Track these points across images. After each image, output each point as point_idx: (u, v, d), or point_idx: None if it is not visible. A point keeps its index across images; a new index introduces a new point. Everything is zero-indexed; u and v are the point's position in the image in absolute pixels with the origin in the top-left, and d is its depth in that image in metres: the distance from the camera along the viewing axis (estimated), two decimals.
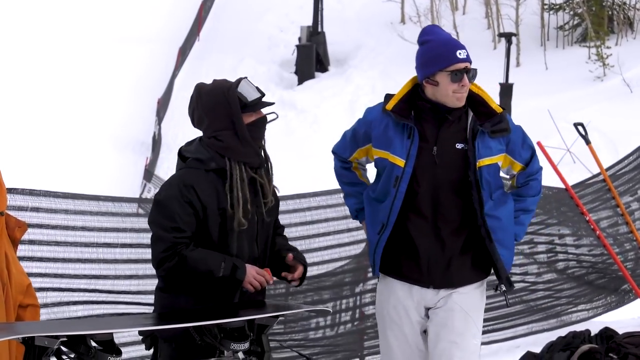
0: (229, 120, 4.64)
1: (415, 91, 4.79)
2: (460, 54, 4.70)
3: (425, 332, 4.82)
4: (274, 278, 4.83)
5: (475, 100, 4.77)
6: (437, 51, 4.72)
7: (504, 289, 4.83)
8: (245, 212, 4.62)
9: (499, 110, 4.76)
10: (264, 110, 4.80)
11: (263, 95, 4.75)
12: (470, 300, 4.78)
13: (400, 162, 4.71)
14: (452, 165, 4.71)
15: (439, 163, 4.70)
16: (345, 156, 5.03)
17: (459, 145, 4.71)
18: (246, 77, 4.78)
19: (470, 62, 4.74)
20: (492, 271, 4.84)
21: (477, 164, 4.66)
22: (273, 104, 4.85)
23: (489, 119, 4.72)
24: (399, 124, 4.74)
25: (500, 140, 4.74)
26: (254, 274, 4.63)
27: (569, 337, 8.43)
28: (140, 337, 4.81)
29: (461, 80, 4.67)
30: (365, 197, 4.92)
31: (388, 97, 4.83)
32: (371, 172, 5.07)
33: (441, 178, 4.71)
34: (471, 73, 4.72)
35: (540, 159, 9.28)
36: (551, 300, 9.65)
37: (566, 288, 9.74)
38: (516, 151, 4.81)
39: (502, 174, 4.88)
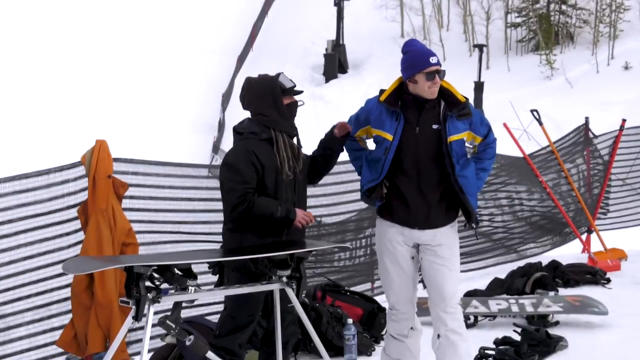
0: (272, 100, 4.72)
1: (401, 87, 4.85)
2: (432, 59, 4.74)
3: (412, 258, 4.86)
4: (314, 219, 4.90)
5: (445, 93, 4.80)
6: (416, 59, 4.76)
7: (474, 226, 4.89)
8: (289, 167, 4.69)
9: (463, 99, 4.79)
10: (297, 98, 4.88)
11: (295, 85, 4.85)
12: (450, 236, 4.84)
13: (389, 137, 4.75)
14: (430, 140, 4.73)
15: (420, 139, 4.74)
16: (352, 135, 5.06)
17: (434, 126, 4.74)
18: (283, 72, 4.88)
19: (440, 65, 4.77)
20: (461, 214, 4.90)
21: (448, 139, 4.70)
22: (302, 92, 4.95)
23: (456, 107, 4.76)
24: (389, 111, 4.79)
25: (465, 122, 4.78)
26: (302, 215, 4.69)
27: (525, 267, 8.39)
28: (209, 268, 4.80)
29: (434, 79, 4.71)
30: (364, 158, 4.99)
31: (382, 91, 4.90)
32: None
33: (422, 150, 4.74)
34: (441, 73, 4.76)
35: (505, 136, 9.34)
36: (512, 239, 9.62)
37: (523, 230, 9.70)
38: (476, 129, 4.85)
39: (466, 144, 4.91)
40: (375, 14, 36.64)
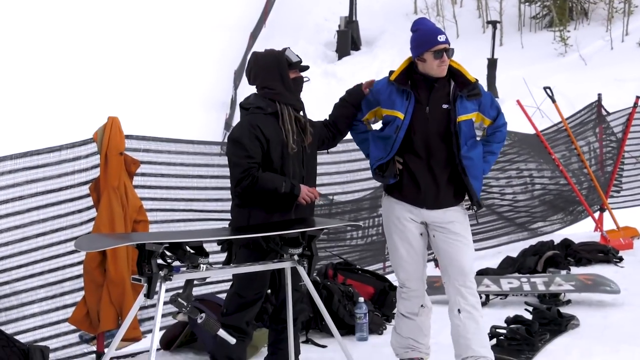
0: (278, 73, 4.72)
1: (411, 66, 4.83)
2: (440, 38, 4.72)
3: (421, 235, 4.86)
4: (319, 195, 4.89)
5: (455, 73, 4.78)
6: (424, 37, 4.75)
7: (475, 209, 4.88)
8: (294, 140, 4.67)
9: (473, 79, 4.77)
10: (302, 75, 4.87)
11: (301, 60, 4.83)
12: (460, 214, 4.85)
13: (400, 115, 4.74)
14: (440, 120, 4.72)
15: (430, 118, 4.73)
16: (360, 117, 5.05)
17: (444, 106, 4.72)
18: (289, 47, 4.87)
19: (449, 44, 4.75)
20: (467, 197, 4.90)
21: (457, 119, 4.69)
22: (308, 67, 4.92)
23: (466, 87, 4.74)
24: (400, 90, 4.77)
25: (474, 102, 4.76)
26: (306, 192, 4.66)
27: (537, 245, 8.37)
28: (218, 245, 4.80)
29: (442, 57, 4.70)
30: (371, 136, 4.97)
31: (391, 72, 4.88)
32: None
33: (432, 129, 4.73)
34: (450, 52, 4.74)
35: (518, 113, 9.27)
36: (524, 218, 9.58)
37: (535, 208, 9.66)
38: (485, 111, 4.83)
39: (476, 126, 4.89)
40: None
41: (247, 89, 5.10)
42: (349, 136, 5.26)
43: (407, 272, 4.90)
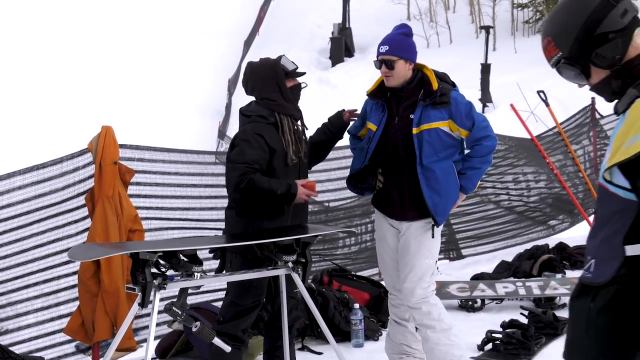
0: (275, 84, 4.67)
1: None
2: (381, 48, 4.67)
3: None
4: (317, 196, 4.90)
5: (425, 81, 4.69)
6: (377, 48, 4.73)
7: (431, 223, 4.71)
8: (293, 151, 4.65)
9: (435, 87, 4.63)
10: (299, 80, 4.83)
11: (297, 67, 4.79)
12: (421, 231, 4.72)
13: (373, 127, 4.76)
14: (405, 130, 4.66)
15: (398, 129, 4.69)
16: (355, 133, 5.07)
17: (411, 116, 4.65)
18: (284, 55, 4.81)
19: (393, 55, 4.63)
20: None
21: (419, 128, 4.59)
22: (305, 73, 4.87)
23: (429, 95, 4.63)
24: (377, 103, 4.79)
25: (442, 111, 4.61)
26: (303, 189, 4.59)
27: (532, 249, 8.38)
28: (210, 252, 4.79)
29: (380, 68, 4.67)
30: (357, 146, 5.01)
31: None
32: None
33: (399, 140, 4.69)
34: (389, 63, 4.63)
35: (512, 118, 9.30)
36: (519, 222, 9.59)
37: (530, 213, 9.67)
38: (458, 120, 4.62)
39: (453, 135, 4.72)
40: None
41: (241, 97, 5.11)
42: (340, 144, 5.27)
43: (393, 278, 4.90)
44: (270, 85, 4.67)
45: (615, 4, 2.44)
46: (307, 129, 4.83)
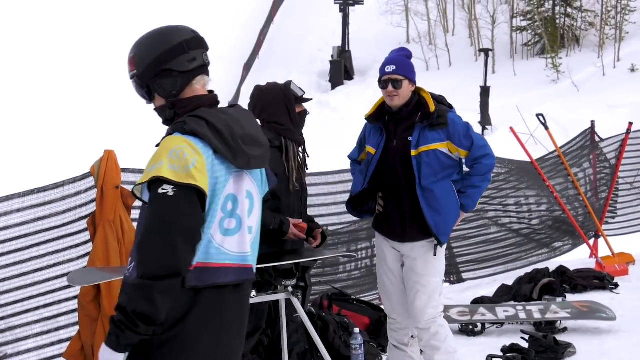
0: (285, 109, 4.70)
1: (384, 102, 4.83)
2: (387, 68, 4.70)
3: (402, 265, 4.85)
4: (305, 238, 4.83)
5: (422, 103, 4.73)
6: (380, 68, 4.77)
7: (435, 242, 4.73)
8: (296, 178, 4.67)
9: (432, 109, 4.67)
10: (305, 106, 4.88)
11: (305, 93, 4.85)
12: (425, 251, 4.75)
13: (372, 151, 4.80)
14: (403, 152, 4.69)
15: (397, 151, 4.72)
16: (356, 158, 5.11)
17: (409, 138, 4.69)
18: (292, 80, 4.87)
19: (399, 74, 4.67)
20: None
21: (418, 150, 4.63)
22: (311, 99, 4.94)
23: (426, 117, 4.67)
24: (375, 127, 4.82)
25: (439, 132, 4.66)
26: (294, 230, 4.63)
27: (533, 272, 8.36)
28: None
29: (386, 88, 4.69)
30: (357, 170, 5.02)
31: None
32: None
33: (398, 162, 4.71)
34: (397, 83, 4.67)
35: (512, 141, 9.32)
36: (519, 245, 9.57)
37: (530, 236, 9.66)
38: (457, 140, 4.68)
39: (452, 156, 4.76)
40: (380, 19, 36.66)
41: None
42: (344, 166, 5.30)
43: (392, 302, 4.91)
44: (281, 109, 4.70)
45: (187, 51, 2.89)
46: (308, 156, 4.85)
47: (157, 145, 2.85)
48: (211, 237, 2.79)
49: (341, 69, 31.78)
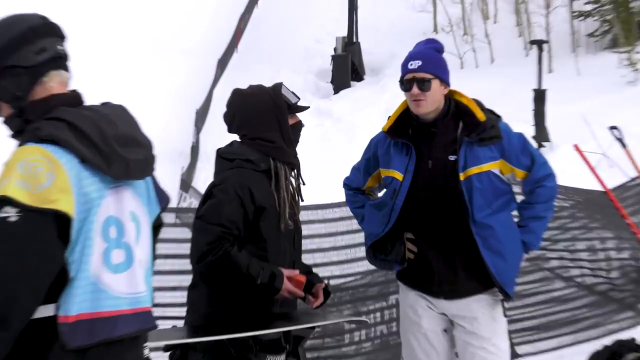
0: (276, 121, 4.61)
1: (408, 110, 4.81)
2: (411, 64, 4.72)
3: (445, 331, 4.82)
4: (302, 296, 4.72)
5: (463, 111, 4.72)
6: (402, 66, 4.79)
7: (500, 297, 4.74)
8: (289, 214, 4.59)
9: (483, 118, 4.69)
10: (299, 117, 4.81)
11: (299, 99, 4.76)
12: (488, 307, 4.76)
13: (399, 176, 4.74)
14: (446, 176, 4.68)
15: (434, 175, 4.70)
16: (359, 186, 5.11)
17: (451, 157, 4.69)
18: (283, 82, 4.76)
19: (427, 72, 4.68)
20: None
21: (466, 173, 4.62)
22: (308, 108, 4.86)
23: (475, 129, 4.66)
24: (398, 143, 4.78)
25: (492, 148, 4.69)
26: (288, 285, 4.49)
27: (614, 346, 8.18)
28: (165, 351, 4.64)
29: (410, 90, 4.68)
30: (366, 206, 4.98)
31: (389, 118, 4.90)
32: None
33: (438, 190, 4.69)
34: (425, 83, 4.67)
35: (577, 162, 9.17)
36: (594, 308, 9.43)
37: (608, 295, 9.52)
38: (513, 158, 4.73)
39: (507, 179, 4.82)
40: (399, 3, 36.94)
41: (213, 134, 4.97)
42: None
43: None
44: (268, 121, 4.60)
45: (33, 40, 2.89)
46: (304, 183, 4.74)
47: (5, 163, 2.83)
48: (96, 278, 2.76)
49: (347, 67, 31.81)
